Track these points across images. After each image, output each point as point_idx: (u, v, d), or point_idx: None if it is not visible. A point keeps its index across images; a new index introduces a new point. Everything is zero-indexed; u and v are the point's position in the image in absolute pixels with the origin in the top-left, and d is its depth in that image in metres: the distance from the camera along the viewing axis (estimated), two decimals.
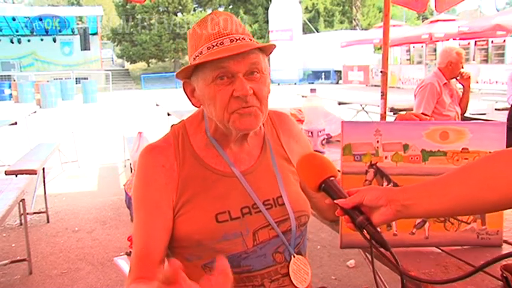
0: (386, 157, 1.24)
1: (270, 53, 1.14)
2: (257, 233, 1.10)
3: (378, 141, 1.23)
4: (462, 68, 4.01)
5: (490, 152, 1.23)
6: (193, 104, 1.15)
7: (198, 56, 1.06)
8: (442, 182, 0.91)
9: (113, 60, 39.58)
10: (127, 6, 31.46)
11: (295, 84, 25.86)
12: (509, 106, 4.21)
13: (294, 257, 1.14)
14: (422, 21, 27.27)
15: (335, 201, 0.96)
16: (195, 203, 1.10)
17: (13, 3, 38.40)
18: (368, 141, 1.23)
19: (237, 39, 1.05)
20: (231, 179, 1.13)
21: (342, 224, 1.27)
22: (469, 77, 4.09)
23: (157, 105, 8.77)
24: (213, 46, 1.05)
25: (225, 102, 1.05)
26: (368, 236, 0.92)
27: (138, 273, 1.04)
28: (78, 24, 27.04)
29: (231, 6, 35.81)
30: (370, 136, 1.23)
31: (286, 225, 1.14)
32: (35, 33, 27.96)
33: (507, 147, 1.23)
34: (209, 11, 35.84)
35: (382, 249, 0.92)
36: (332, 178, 0.99)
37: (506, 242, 1.29)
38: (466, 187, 0.88)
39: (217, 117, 1.08)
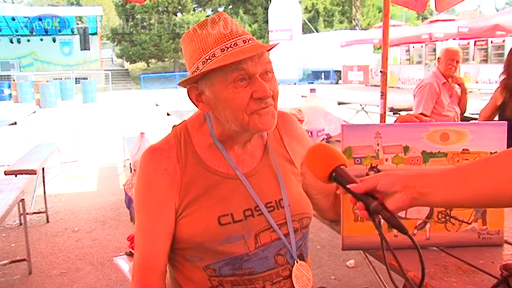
0: (386, 159, 1.24)
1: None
2: (259, 236, 1.09)
3: (378, 144, 1.23)
4: (454, 67, 4.00)
5: (490, 153, 1.23)
6: (200, 109, 1.12)
7: (209, 59, 1.03)
8: (462, 171, 0.88)
9: (112, 60, 39.57)
10: (127, 6, 31.43)
11: (294, 84, 25.83)
12: None
13: (297, 262, 1.13)
14: (422, 21, 27.28)
15: (347, 186, 0.93)
16: (197, 205, 1.09)
17: (13, 3, 38.36)
18: (368, 144, 1.23)
19: (248, 40, 1.04)
20: (233, 181, 1.12)
21: (344, 226, 1.26)
22: (462, 83, 4.17)
23: (157, 105, 8.76)
24: (227, 48, 1.02)
25: (245, 104, 1.03)
26: (382, 223, 0.89)
27: (140, 282, 1.05)
28: (77, 24, 27.00)
29: (230, 6, 35.78)
30: (370, 139, 1.23)
31: (288, 227, 1.13)
32: (34, 33, 27.92)
33: (508, 147, 1.23)
34: (209, 11, 35.85)
35: (385, 251, 0.90)
36: (343, 167, 0.96)
37: (506, 242, 1.29)
38: (487, 179, 0.84)
39: (234, 120, 1.05)
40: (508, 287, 0.98)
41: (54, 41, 28.42)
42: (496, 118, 3.77)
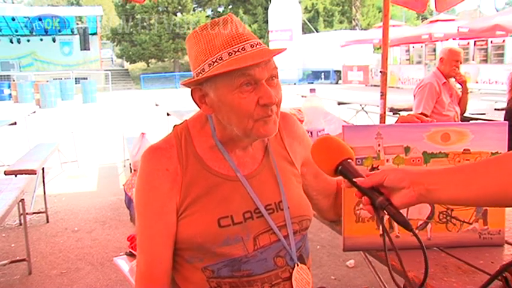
0: (387, 160, 1.23)
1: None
2: (258, 238, 1.09)
3: (379, 145, 1.23)
4: (458, 67, 4.00)
5: (491, 153, 1.23)
6: (203, 111, 1.11)
7: (216, 61, 1.01)
8: (470, 169, 0.87)
9: (112, 60, 39.57)
10: (126, 6, 31.42)
11: (294, 84, 25.82)
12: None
13: (297, 265, 1.12)
14: (422, 21, 27.27)
15: (354, 179, 0.92)
16: (198, 206, 1.08)
17: (13, 3, 38.36)
18: (369, 144, 1.23)
19: (256, 44, 1.03)
20: (234, 183, 1.11)
21: (345, 227, 1.26)
22: (465, 81, 4.12)
23: (156, 105, 8.77)
24: (235, 52, 1.01)
25: (251, 110, 1.02)
26: (385, 222, 0.88)
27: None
28: (77, 24, 26.98)
29: (230, 6, 35.77)
30: (371, 139, 1.23)
31: (287, 229, 1.13)
32: (34, 33, 27.90)
33: (509, 147, 1.23)
34: (209, 11, 35.83)
35: (386, 250, 0.89)
36: (349, 160, 0.95)
37: (507, 242, 1.29)
38: (494, 178, 0.83)
39: (238, 125, 1.05)
40: (508, 287, 0.98)
41: (54, 41, 28.40)
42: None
